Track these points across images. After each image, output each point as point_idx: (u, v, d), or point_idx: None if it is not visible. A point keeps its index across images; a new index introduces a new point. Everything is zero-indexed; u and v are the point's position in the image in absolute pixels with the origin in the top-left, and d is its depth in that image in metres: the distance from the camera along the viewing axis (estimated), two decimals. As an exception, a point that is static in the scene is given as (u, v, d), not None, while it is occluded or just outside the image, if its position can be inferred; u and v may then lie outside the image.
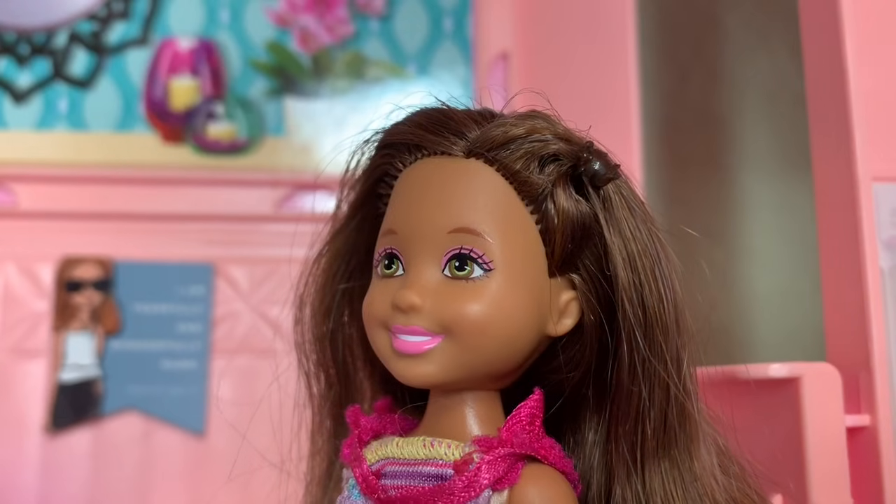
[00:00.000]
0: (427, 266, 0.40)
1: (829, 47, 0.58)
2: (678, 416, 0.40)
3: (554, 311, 0.41)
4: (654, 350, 0.39)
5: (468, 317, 0.39)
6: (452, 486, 0.38)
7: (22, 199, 0.99)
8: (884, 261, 0.56)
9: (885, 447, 0.53)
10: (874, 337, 0.54)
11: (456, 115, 0.42)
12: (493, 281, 0.39)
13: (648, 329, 0.39)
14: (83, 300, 0.97)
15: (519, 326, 0.40)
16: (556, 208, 0.40)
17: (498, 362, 0.40)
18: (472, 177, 0.40)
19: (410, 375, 0.40)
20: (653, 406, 0.39)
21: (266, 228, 1.00)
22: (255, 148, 1.02)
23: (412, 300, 0.39)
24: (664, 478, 0.40)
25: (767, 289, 0.98)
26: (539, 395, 0.41)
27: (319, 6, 1.04)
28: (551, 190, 0.40)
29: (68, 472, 0.94)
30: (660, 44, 1.03)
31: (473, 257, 0.39)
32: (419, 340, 0.40)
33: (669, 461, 0.40)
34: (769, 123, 1.01)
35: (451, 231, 0.40)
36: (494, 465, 0.38)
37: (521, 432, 0.40)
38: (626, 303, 0.39)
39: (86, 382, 0.96)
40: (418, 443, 0.41)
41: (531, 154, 0.40)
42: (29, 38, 1.02)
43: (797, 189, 0.95)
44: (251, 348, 0.98)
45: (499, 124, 0.41)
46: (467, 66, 1.04)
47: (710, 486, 0.40)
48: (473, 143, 0.41)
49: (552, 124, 0.41)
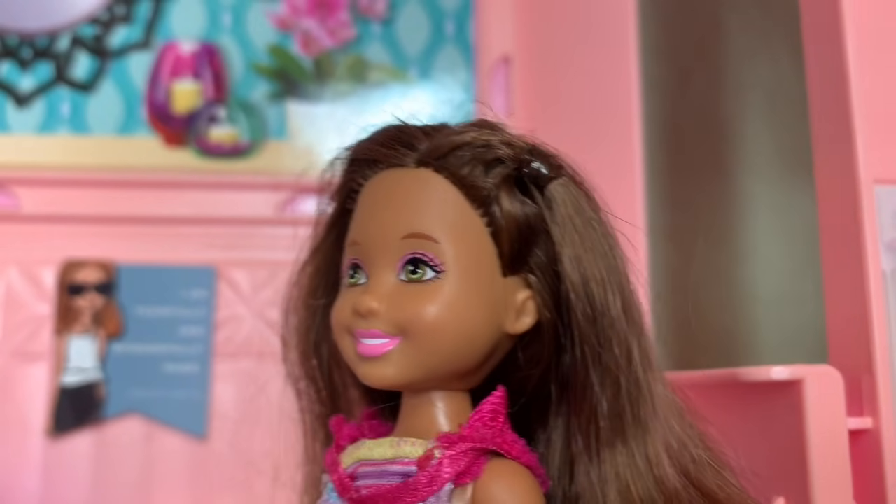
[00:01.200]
0: (385, 272, 0.42)
1: (831, 50, 0.58)
2: (630, 406, 0.41)
3: (510, 310, 0.43)
4: (603, 342, 0.41)
5: (421, 317, 0.41)
6: (416, 482, 0.40)
7: (24, 202, 0.99)
8: (886, 263, 0.56)
9: (887, 450, 0.53)
10: (876, 339, 0.54)
11: (408, 129, 0.44)
12: (445, 282, 0.41)
13: (598, 323, 0.41)
14: (85, 303, 0.97)
15: (472, 325, 0.41)
16: (502, 210, 0.42)
17: (455, 361, 0.42)
18: (422, 185, 0.42)
19: (372, 377, 0.42)
20: (604, 397, 0.41)
21: (268, 232, 1.01)
22: (257, 151, 1.02)
23: (370, 305, 0.41)
24: (619, 467, 0.41)
25: (769, 292, 0.97)
26: (501, 392, 0.43)
27: (321, 10, 1.05)
28: (497, 193, 0.42)
29: (70, 476, 0.94)
30: (661, 47, 1.04)
31: (425, 260, 0.41)
32: (378, 343, 0.42)
33: (624, 451, 0.41)
34: (771, 127, 1.01)
35: (403, 237, 0.42)
36: (456, 460, 0.40)
37: (483, 428, 0.41)
38: (575, 297, 0.41)
39: (88, 386, 0.96)
40: (387, 443, 0.43)
41: (476, 159, 0.42)
42: (31, 42, 1.02)
43: (799, 192, 0.95)
44: (253, 351, 0.98)
45: (446, 134, 0.43)
46: (469, 69, 1.04)
47: (664, 473, 0.41)
48: (423, 153, 0.43)
49: (498, 131, 0.43)
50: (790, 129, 0.97)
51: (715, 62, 1.04)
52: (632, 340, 0.41)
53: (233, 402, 0.96)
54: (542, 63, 1.00)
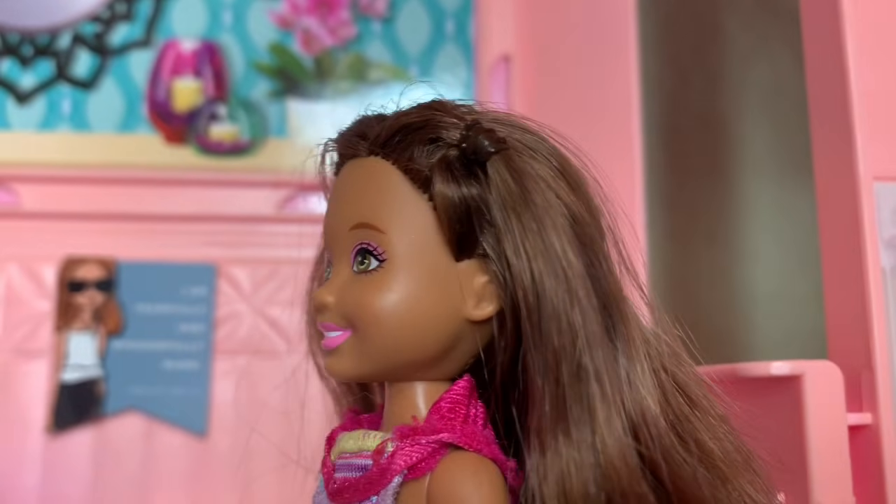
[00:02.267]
0: (342, 265, 0.42)
1: (831, 46, 0.58)
2: (574, 392, 0.38)
3: (469, 296, 0.41)
4: (543, 328, 0.38)
5: (363, 308, 0.40)
6: (371, 475, 0.39)
7: (25, 199, 0.99)
8: (885, 260, 0.56)
9: (887, 445, 0.53)
10: (876, 335, 0.54)
11: (364, 119, 0.43)
12: (388, 271, 0.40)
13: (540, 303, 0.38)
14: (85, 300, 0.98)
15: (419, 313, 0.40)
16: (436, 192, 0.40)
17: (408, 351, 0.40)
18: (370, 173, 0.42)
19: (330, 370, 0.42)
20: (546, 385, 0.38)
21: (268, 229, 1.01)
22: (258, 149, 1.02)
23: (321, 298, 0.41)
24: (562, 459, 0.38)
25: (768, 291, 0.98)
26: (465, 382, 0.41)
27: (322, 8, 1.05)
28: (431, 175, 0.40)
29: (70, 473, 0.94)
30: (661, 47, 1.04)
31: (370, 250, 0.40)
32: (333, 336, 0.41)
33: (567, 441, 0.38)
34: (770, 126, 1.02)
35: (351, 228, 0.41)
36: (407, 453, 0.39)
37: (439, 420, 0.40)
38: (515, 280, 0.39)
39: (88, 383, 0.96)
40: (357, 436, 0.42)
41: (416, 141, 0.41)
42: (32, 40, 1.02)
43: (798, 191, 0.95)
44: (253, 349, 0.98)
45: (391, 118, 0.42)
46: (469, 68, 1.04)
47: (614, 465, 0.38)
48: (371, 141, 0.42)
49: (443, 109, 0.42)
50: (789, 128, 0.97)
51: (714, 62, 1.05)
52: (576, 322, 0.38)
53: (233, 399, 0.97)
54: (542, 62, 1.00)
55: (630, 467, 0.38)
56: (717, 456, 0.41)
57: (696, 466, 0.40)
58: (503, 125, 0.42)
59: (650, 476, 0.39)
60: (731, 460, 0.41)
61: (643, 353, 0.41)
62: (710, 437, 0.42)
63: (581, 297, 0.39)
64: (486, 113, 0.43)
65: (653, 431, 0.40)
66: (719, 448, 0.42)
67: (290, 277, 1.02)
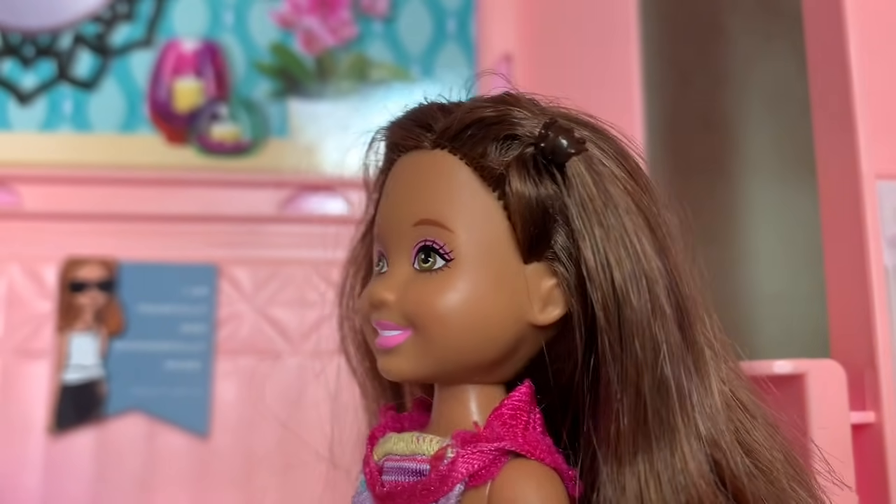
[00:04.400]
0: (401, 261, 0.40)
1: (833, 45, 0.58)
2: (654, 408, 0.37)
3: (535, 299, 0.39)
4: (624, 338, 0.37)
5: (428, 308, 0.38)
6: (429, 481, 0.38)
7: (26, 199, 0.99)
8: (888, 258, 0.56)
9: (890, 444, 0.53)
10: (879, 334, 0.54)
11: (427, 108, 0.42)
12: (455, 271, 0.39)
13: (618, 316, 0.37)
14: (87, 301, 0.97)
15: (485, 315, 0.39)
16: (512, 191, 0.39)
17: (471, 353, 0.39)
18: (436, 167, 0.40)
19: (387, 369, 0.40)
20: (626, 397, 0.37)
21: (270, 230, 1.01)
22: (259, 149, 1.02)
23: (381, 296, 0.40)
24: (640, 475, 0.38)
25: (771, 290, 0.98)
26: (526, 388, 0.40)
27: (323, 8, 1.05)
28: (507, 173, 0.39)
29: (71, 473, 0.94)
30: (663, 47, 1.04)
31: (436, 248, 0.39)
32: (391, 335, 0.40)
33: (646, 458, 0.38)
34: (772, 126, 1.01)
35: (415, 224, 0.39)
36: (469, 460, 0.37)
37: (501, 427, 0.39)
38: (594, 286, 0.38)
39: (89, 383, 0.96)
40: (409, 438, 0.41)
41: (489, 137, 0.39)
42: (33, 40, 1.02)
43: (800, 190, 0.95)
44: (255, 349, 0.98)
45: (462, 111, 0.40)
46: (471, 67, 1.04)
47: (693, 484, 0.38)
48: (438, 133, 0.40)
49: (517, 104, 0.40)
50: (791, 127, 0.97)
51: (716, 63, 1.04)
52: (659, 334, 0.37)
53: (234, 399, 0.96)
54: (543, 61, 1.00)
55: (709, 484, 0.38)
56: (777, 467, 0.40)
57: (762, 479, 0.40)
58: (574, 123, 0.41)
59: (727, 492, 0.39)
60: (788, 472, 0.41)
61: (709, 364, 0.40)
62: (768, 448, 0.41)
63: (663, 306, 0.38)
64: (555, 109, 0.42)
65: (724, 446, 0.39)
66: (777, 459, 0.41)
67: (291, 277, 1.02)
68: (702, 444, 0.38)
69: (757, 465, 0.40)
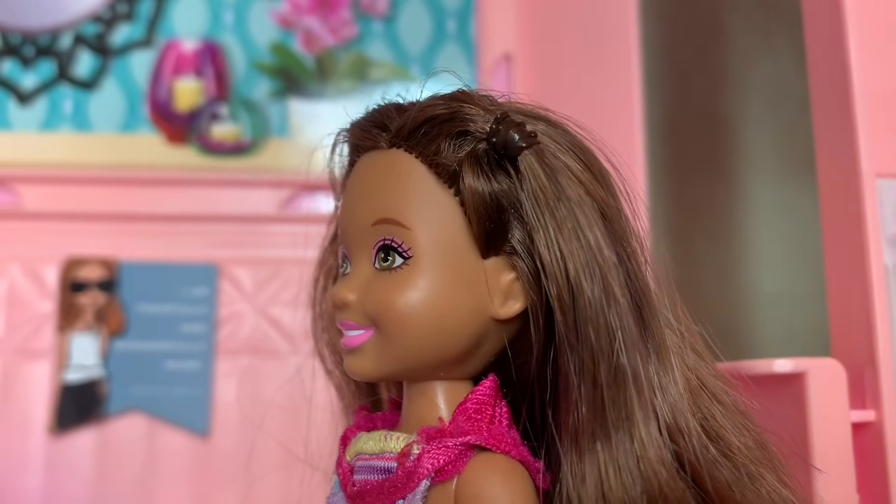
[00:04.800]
0: (362, 261, 0.40)
1: (833, 43, 0.58)
2: (611, 396, 0.37)
3: (496, 294, 0.40)
4: (580, 328, 0.37)
5: (388, 307, 0.39)
6: (396, 478, 0.38)
7: (26, 200, 0.99)
8: (888, 257, 0.56)
9: (890, 442, 0.53)
10: (879, 332, 0.54)
11: (385, 109, 0.42)
12: (413, 269, 0.39)
13: (575, 304, 0.37)
14: (87, 301, 0.98)
15: (446, 312, 0.39)
16: (465, 187, 0.39)
17: (433, 350, 0.39)
18: (392, 166, 0.40)
19: (351, 369, 0.40)
20: (582, 385, 0.37)
21: (270, 229, 1.01)
22: (259, 149, 1.02)
23: (342, 296, 0.40)
24: (600, 464, 0.38)
25: (771, 289, 0.98)
26: (490, 382, 0.40)
27: (323, 8, 1.05)
28: (460, 169, 0.39)
29: (72, 473, 0.95)
30: (663, 46, 1.04)
31: (394, 247, 0.39)
32: (354, 335, 0.40)
33: (606, 445, 0.38)
34: (772, 125, 1.01)
35: (373, 223, 0.40)
36: (434, 456, 0.38)
37: (466, 421, 0.39)
38: (548, 278, 0.38)
39: (90, 383, 0.96)
40: (377, 437, 0.41)
41: (443, 134, 0.39)
42: (34, 40, 1.02)
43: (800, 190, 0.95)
44: (255, 349, 0.98)
45: (416, 109, 0.40)
46: (471, 67, 1.04)
47: (653, 471, 0.38)
48: (393, 133, 0.41)
49: (469, 101, 0.40)
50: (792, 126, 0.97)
51: (716, 62, 1.04)
52: (613, 322, 0.37)
53: (235, 399, 0.97)
54: (543, 61, 1.00)
55: (668, 469, 0.38)
56: (744, 453, 0.41)
57: (726, 465, 0.40)
58: (528, 117, 0.41)
59: (687, 477, 0.39)
60: (756, 457, 0.41)
61: (672, 350, 0.41)
62: (736, 435, 0.41)
63: (617, 295, 0.38)
64: (509, 104, 0.42)
65: (686, 432, 0.39)
66: (744, 445, 0.41)
67: (292, 277, 1.02)
68: (661, 430, 0.39)
69: (723, 451, 0.40)
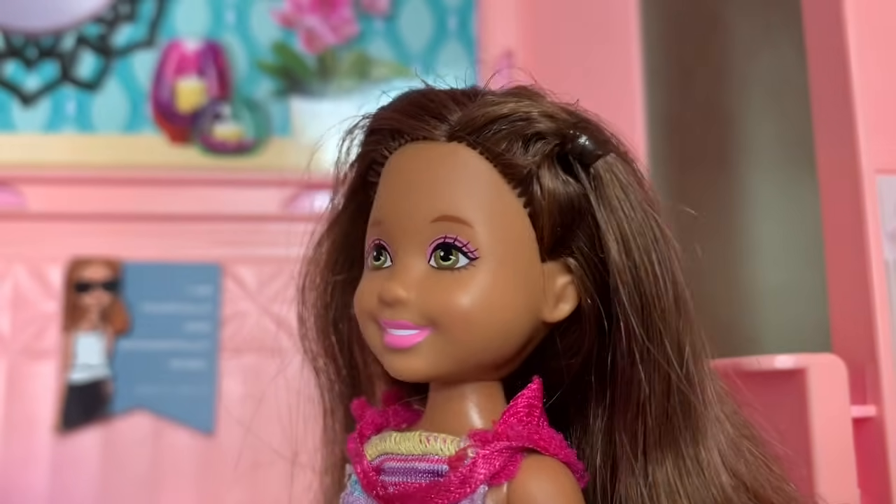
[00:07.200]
0: (413, 257, 0.39)
1: (833, 40, 0.58)
2: (681, 404, 0.38)
3: (549, 297, 0.39)
4: (652, 335, 0.37)
5: (454, 308, 0.37)
6: (448, 482, 0.37)
7: (30, 200, 0.99)
8: (888, 253, 0.56)
9: (891, 438, 0.53)
10: (879, 328, 0.54)
11: (437, 97, 0.40)
12: (479, 270, 0.38)
13: (645, 313, 0.37)
14: (92, 301, 0.98)
15: (508, 315, 0.38)
16: (542, 190, 0.38)
17: (489, 352, 0.39)
18: (454, 162, 0.39)
19: (400, 370, 0.39)
20: (653, 394, 0.38)
21: (273, 228, 1.01)
22: (262, 148, 1.02)
23: (397, 293, 0.38)
24: (668, 470, 0.38)
25: (772, 284, 0.98)
26: (537, 385, 0.40)
27: (324, 7, 1.05)
28: (536, 171, 0.38)
29: (78, 472, 0.95)
30: (664, 41, 1.04)
31: (458, 246, 0.38)
32: (407, 334, 0.38)
33: (673, 452, 0.38)
34: (774, 120, 1.01)
35: (434, 220, 0.38)
36: (490, 460, 0.37)
37: (518, 424, 0.38)
38: (621, 286, 0.37)
39: (95, 382, 0.96)
40: (415, 438, 0.40)
41: (515, 134, 0.38)
42: (36, 42, 1.03)
43: (802, 184, 0.95)
44: (259, 347, 0.99)
45: (481, 104, 0.39)
46: (472, 64, 1.04)
47: (716, 477, 0.39)
48: (455, 125, 0.39)
49: (538, 101, 0.40)
50: (793, 121, 0.97)
51: (718, 57, 1.04)
52: (683, 333, 0.38)
53: (240, 397, 0.97)
54: (544, 58, 1.00)
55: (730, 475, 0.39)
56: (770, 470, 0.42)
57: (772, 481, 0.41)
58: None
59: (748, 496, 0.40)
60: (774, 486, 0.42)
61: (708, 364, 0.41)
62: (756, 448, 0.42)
63: (687, 305, 0.38)
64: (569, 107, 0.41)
65: (740, 446, 0.40)
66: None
67: (295, 276, 1.02)
68: (723, 447, 0.40)
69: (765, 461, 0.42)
